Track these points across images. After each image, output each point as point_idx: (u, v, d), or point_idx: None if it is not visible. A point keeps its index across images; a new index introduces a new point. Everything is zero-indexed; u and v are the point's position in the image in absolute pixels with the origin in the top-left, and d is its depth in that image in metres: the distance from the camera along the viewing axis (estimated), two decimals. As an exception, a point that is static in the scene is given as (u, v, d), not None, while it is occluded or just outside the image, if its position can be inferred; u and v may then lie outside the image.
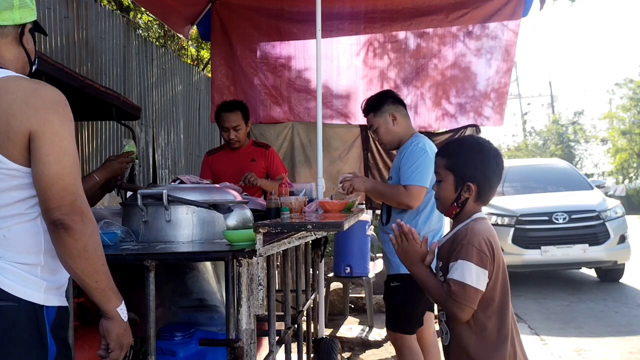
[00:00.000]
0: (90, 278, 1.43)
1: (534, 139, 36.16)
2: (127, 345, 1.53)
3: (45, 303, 1.44)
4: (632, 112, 26.53)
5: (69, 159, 1.41)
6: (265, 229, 1.78)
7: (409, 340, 2.94)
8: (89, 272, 1.42)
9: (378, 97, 3.15)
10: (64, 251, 1.40)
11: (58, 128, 1.41)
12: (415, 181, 2.85)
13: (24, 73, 1.59)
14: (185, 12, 5.10)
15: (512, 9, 4.85)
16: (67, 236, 1.38)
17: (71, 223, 1.38)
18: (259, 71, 5.13)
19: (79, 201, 1.41)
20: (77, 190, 1.42)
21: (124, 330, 1.50)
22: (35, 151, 1.39)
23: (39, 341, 1.42)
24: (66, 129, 1.43)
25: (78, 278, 1.43)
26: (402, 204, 2.90)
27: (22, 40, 1.56)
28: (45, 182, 1.38)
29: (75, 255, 1.39)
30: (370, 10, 5.02)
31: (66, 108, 1.45)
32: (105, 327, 1.49)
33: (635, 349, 4.46)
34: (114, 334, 1.49)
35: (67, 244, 1.39)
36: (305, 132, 5.13)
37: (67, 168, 1.40)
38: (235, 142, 3.71)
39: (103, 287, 1.45)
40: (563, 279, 7.72)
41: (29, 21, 1.57)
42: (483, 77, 5.00)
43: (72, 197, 1.40)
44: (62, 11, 4.56)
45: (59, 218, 1.38)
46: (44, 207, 1.40)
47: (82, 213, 1.40)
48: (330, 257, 5.80)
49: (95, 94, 3.00)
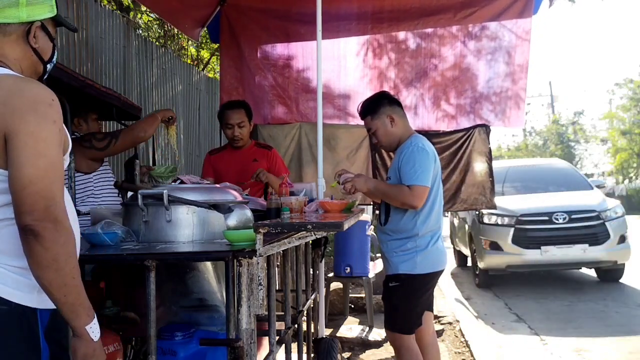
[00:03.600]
0: (59, 291, 1.32)
1: (534, 139, 36.19)
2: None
3: (38, 306, 1.41)
4: (632, 112, 26.54)
5: (44, 161, 1.32)
6: (266, 229, 1.79)
7: (407, 340, 2.94)
8: (57, 285, 1.32)
9: (374, 100, 3.15)
10: (33, 260, 1.31)
11: (34, 129, 1.33)
12: (419, 181, 2.85)
13: (33, 72, 1.54)
14: (195, 14, 5.13)
15: (521, 6, 4.82)
16: (36, 244, 1.29)
17: (41, 230, 1.29)
18: (267, 72, 5.15)
19: (54, 207, 1.31)
20: (53, 195, 1.32)
21: (92, 350, 1.40)
22: (9, 152, 1.32)
23: (30, 344, 1.39)
24: (44, 130, 1.34)
25: (45, 289, 1.34)
26: (407, 204, 2.90)
27: (28, 39, 1.49)
28: (17, 185, 1.30)
29: (44, 265, 1.30)
30: (377, 11, 5.01)
31: (49, 108, 1.37)
32: (72, 345, 1.40)
33: (635, 349, 4.46)
34: (81, 354, 1.39)
35: (36, 252, 1.30)
36: (313, 133, 5.13)
37: (41, 171, 1.31)
38: (239, 140, 3.72)
39: (72, 301, 1.35)
40: (563, 279, 7.72)
41: (41, 18, 1.50)
42: (484, 79, 5.00)
43: (46, 202, 1.30)
44: (62, 11, 4.56)
45: (29, 224, 1.29)
46: (16, 211, 1.31)
47: (55, 220, 1.31)
48: (330, 257, 5.81)
49: (96, 94, 2.99)
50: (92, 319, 1.40)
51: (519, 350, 4.65)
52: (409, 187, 2.86)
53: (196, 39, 5.78)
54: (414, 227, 2.93)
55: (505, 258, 6.92)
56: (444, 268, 3.06)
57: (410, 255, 2.92)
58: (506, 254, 6.91)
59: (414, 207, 2.90)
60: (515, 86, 4.94)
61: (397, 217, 2.98)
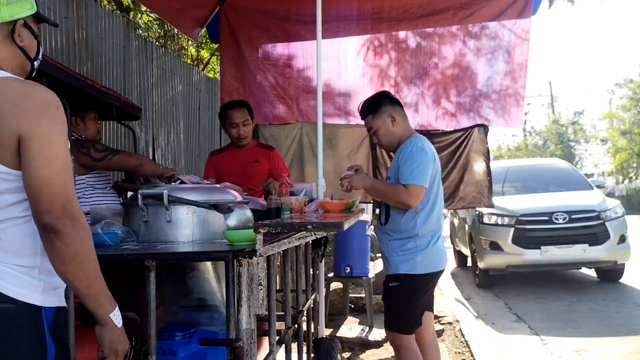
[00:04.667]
0: (82, 283, 1.40)
1: (534, 139, 36.20)
2: (123, 351, 1.50)
3: (43, 304, 1.44)
4: (632, 112, 26.56)
5: (59, 162, 1.38)
6: (266, 229, 1.78)
7: (407, 340, 2.94)
8: (80, 278, 1.39)
9: (375, 99, 3.14)
10: (55, 256, 1.37)
11: (47, 131, 1.38)
12: (415, 180, 2.85)
13: (21, 71, 1.55)
14: (194, 15, 5.14)
15: (520, 7, 4.83)
16: (57, 240, 1.35)
17: (61, 227, 1.35)
18: (267, 72, 5.16)
19: (70, 204, 1.38)
20: (68, 193, 1.39)
21: (117, 336, 1.48)
22: (24, 155, 1.37)
23: (37, 342, 1.42)
24: (56, 132, 1.40)
25: (69, 283, 1.41)
26: (401, 203, 2.90)
27: (14, 38, 1.50)
28: (35, 186, 1.36)
29: (66, 260, 1.37)
30: (377, 11, 5.02)
31: (57, 110, 1.42)
32: (98, 333, 1.48)
33: (635, 349, 4.46)
34: (107, 340, 1.47)
35: (57, 248, 1.36)
36: (314, 132, 5.12)
37: (56, 172, 1.37)
38: (244, 138, 3.72)
39: (95, 292, 1.42)
40: (563, 279, 7.72)
41: (23, 16, 1.51)
42: (484, 77, 5.00)
43: (63, 200, 1.37)
44: (62, 11, 4.56)
45: (49, 222, 1.35)
46: (34, 211, 1.37)
47: (73, 217, 1.37)
48: (330, 257, 5.81)
49: (96, 94, 3.00)
50: (114, 307, 1.48)
51: (519, 350, 4.65)
52: (405, 186, 2.86)
53: (195, 39, 5.79)
54: (415, 227, 2.93)
55: (505, 258, 6.92)
56: (444, 268, 3.05)
57: (410, 255, 2.92)
58: (506, 254, 6.91)
59: (409, 207, 2.90)
60: (515, 85, 4.95)
61: (398, 217, 2.97)
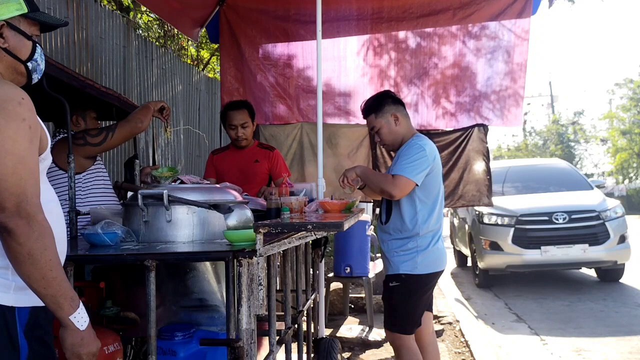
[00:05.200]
0: (38, 284, 1.37)
1: (534, 139, 36.21)
2: (87, 354, 1.45)
3: (15, 304, 1.43)
4: (632, 112, 26.57)
5: (12, 159, 1.34)
6: (266, 229, 1.78)
7: (407, 340, 2.94)
8: (36, 278, 1.36)
9: (378, 98, 3.14)
10: (10, 255, 1.35)
11: (0, 128, 1.35)
12: (405, 172, 2.83)
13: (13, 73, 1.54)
14: (194, 15, 5.13)
15: (520, 7, 4.83)
16: (11, 240, 1.33)
17: (14, 227, 1.32)
18: (267, 72, 5.16)
19: (26, 203, 1.35)
20: (24, 191, 1.35)
21: (80, 339, 1.44)
22: None
23: (8, 342, 1.41)
24: (11, 128, 1.36)
25: (27, 283, 1.38)
26: (385, 192, 2.88)
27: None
28: None
29: (21, 260, 1.34)
30: (377, 11, 5.03)
31: (18, 107, 1.38)
32: (60, 335, 1.44)
33: (635, 349, 4.46)
34: (68, 343, 1.43)
35: (11, 248, 1.34)
36: (314, 132, 5.13)
37: (9, 168, 1.34)
38: (243, 140, 3.72)
39: (52, 293, 1.38)
40: (563, 279, 7.73)
41: (6, 18, 1.49)
42: (483, 77, 5.00)
43: (17, 199, 1.33)
44: (62, 11, 4.55)
45: (2, 221, 1.32)
46: None
47: (27, 216, 1.34)
48: (330, 257, 5.81)
49: (96, 94, 2.99)
50: (75, 309, 1.43)
51: (519, 350, 4.65)
52: (393, 176, 2.86)
53: (195, 39, 5.79)
54: (415, 226, 2.92)
55: (505, 258, 6.92)
56: (444, 268, 3.05)
57: (411, 255, 2.92)
58: (506, 254, 6.91)
59: (392, 197, 2.88)
60: (514, 85, 4.96)
61: (398, 216, 2.97)
